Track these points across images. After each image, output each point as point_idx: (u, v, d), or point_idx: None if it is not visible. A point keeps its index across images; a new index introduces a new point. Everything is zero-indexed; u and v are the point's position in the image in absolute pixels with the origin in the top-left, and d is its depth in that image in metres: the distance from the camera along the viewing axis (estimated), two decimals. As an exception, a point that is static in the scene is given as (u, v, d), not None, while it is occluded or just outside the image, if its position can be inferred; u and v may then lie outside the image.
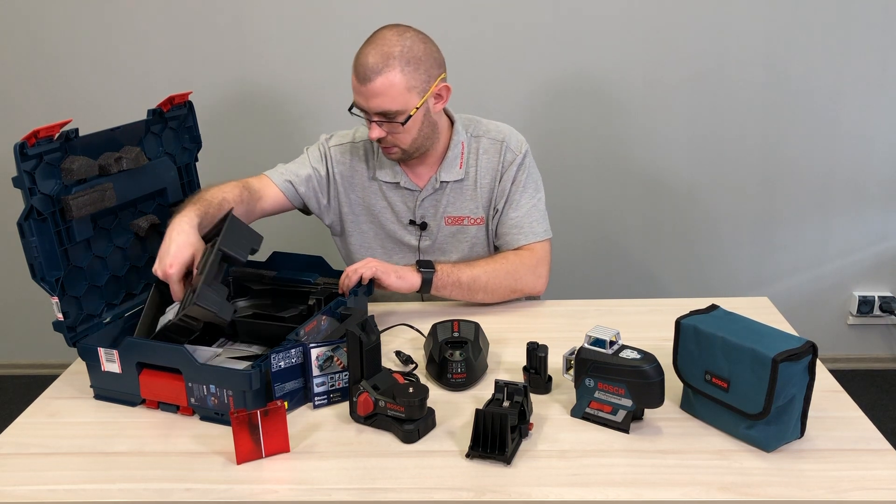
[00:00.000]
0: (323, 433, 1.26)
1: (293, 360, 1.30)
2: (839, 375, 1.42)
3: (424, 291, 1.64)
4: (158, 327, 1.43)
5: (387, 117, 1.56)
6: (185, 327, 1.36)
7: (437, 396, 1.35)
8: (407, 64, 1.53)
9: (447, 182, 1.73)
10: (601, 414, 1.24)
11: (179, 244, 1.37)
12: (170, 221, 1.42)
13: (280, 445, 1.21)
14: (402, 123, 1.57)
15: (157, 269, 1.37)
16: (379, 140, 1.62)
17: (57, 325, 1.38)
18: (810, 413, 1.19)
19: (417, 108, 1.57)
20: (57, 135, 1.33)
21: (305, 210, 1.80)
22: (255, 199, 1.66)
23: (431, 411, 1.26)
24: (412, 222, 1.76)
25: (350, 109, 1.63)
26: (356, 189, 1.78)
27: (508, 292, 1.69)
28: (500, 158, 1.72)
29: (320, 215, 1.81)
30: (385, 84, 1.52)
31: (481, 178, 1.74)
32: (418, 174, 1.75)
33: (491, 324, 1.56)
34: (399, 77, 1.53)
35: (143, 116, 1.54)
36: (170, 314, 1.43)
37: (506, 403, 1.23)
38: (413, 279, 1.61)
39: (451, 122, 1.75)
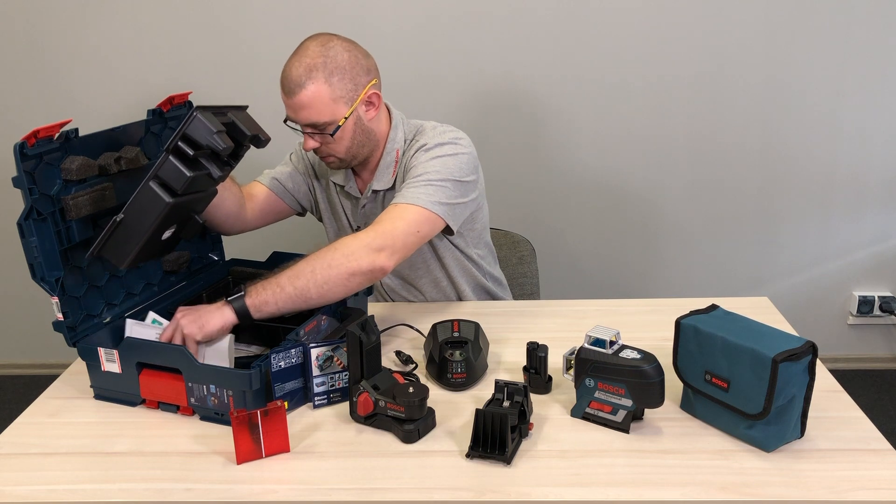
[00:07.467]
0: (323, 433, 1.26)
1: (293, 360, 1.30)
2: (839, 375, 1.42)
3: (246, 320, 1.37)
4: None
5: (316, 128, 1.54)
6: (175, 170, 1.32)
7: (437, 396, 1.35)
8: (331, 74, 1.50)
9: (379, 191, 1.68)
10: (601, 414, 1.24)
11: None
12: None
13: (280, 445, 1.21)
14: (331, 135, 1.54)
15: None
16: (315, 151, 1.60)
17: (57, 325, 1.38)
18: (810, 413, 1.19)
19: (346, 118, 1.54)
20: (57, 135, 1.32)
21: (300, 209, 1.81)
22: (246, 197, 1.70)
23: (431, 411, 1.26)
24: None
25: (285, 121, 1.60)
26: (323, 187, 1.80)
27: (347, 275, 1.39)
28: (413, 154, 1.61)
29: (311, 208, 1.83)
30: (310, 96, 1.50)
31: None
32: (363, 180, 1.73)
33: (491, 324, 1.56)
34: (324, 88, 1.50)
35: (143, 116, 1.53)
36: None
37: (506, 403, 1.23)
38: (223, 315, 1.36)
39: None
